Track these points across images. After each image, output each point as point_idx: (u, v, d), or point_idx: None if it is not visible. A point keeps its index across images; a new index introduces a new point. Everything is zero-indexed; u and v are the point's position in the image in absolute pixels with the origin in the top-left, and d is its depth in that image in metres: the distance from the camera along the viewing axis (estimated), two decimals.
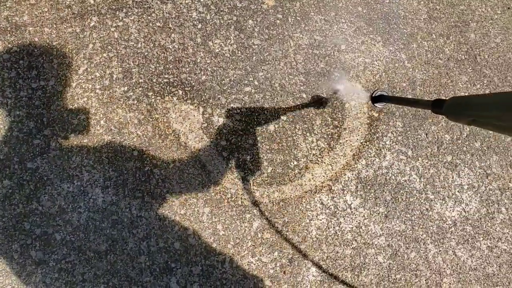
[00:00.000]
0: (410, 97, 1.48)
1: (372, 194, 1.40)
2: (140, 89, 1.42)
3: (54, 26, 1.43)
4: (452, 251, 1.39)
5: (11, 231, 1.27)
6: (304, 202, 1.38)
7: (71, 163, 1.33)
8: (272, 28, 1.51)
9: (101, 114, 1.38)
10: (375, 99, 1.45)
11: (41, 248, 1.27)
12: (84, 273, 1.26)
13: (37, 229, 1.28)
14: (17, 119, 1.36)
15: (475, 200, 1.47)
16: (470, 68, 1.60)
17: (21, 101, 1.37)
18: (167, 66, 1.44)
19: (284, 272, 1.32)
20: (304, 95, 1.45)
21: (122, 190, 1.32)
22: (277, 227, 1.35)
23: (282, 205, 1.37)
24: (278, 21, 1.52)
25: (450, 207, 1.42)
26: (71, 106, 1.38)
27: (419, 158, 1.45)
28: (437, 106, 0.92)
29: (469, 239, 1.43)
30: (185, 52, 1.46)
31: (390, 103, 1.44)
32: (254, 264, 1.32)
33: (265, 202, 1.37)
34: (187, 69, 1.45)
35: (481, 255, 1.42)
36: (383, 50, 1.54)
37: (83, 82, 1.41)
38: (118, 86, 1.41)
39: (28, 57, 1.41)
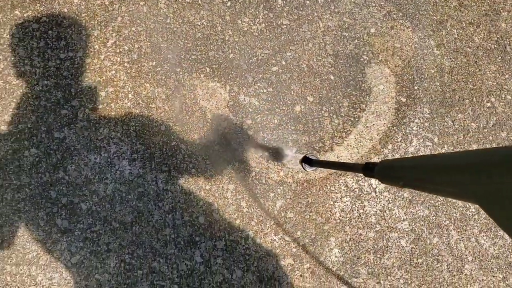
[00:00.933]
0: (341, 161, 1.46)
1: None
2: (168, 64, 1.47)
3: None
4: (475, 238, 1.45)
5: (37, 199, 1.34)
6: (329, 184, 1.44)
7: (98, 135, 1.39)
8: (301, 9, 1.57)
9: (129, 88, 1.44)
10: (305, 162, 1.43)
11: (67, 217, 1.33)
12: (109, 243, 1.32)
13: (63, 198, 1.34)
14: (45, 89, 1.41)
15: None
16: (499, 57, 1.65)
17: (49, 71, 1.43)
18: (196, 42, 1.50)
19: (307, 252, 1.38)
20: (332, 77, 1.51)
21: (149, 164, 1.38)
22: (301, 207, 1.41)
23: (306, 185, 1.43)
24: (307, 2, 1.57)
25: None
26: (99, 78, 1.44)
27: (445, 145, 1.50)
28: (368, 169, 0.93)
29: (492, 228, 1.48)
30: (214, 30, 1.51)
31: (320, 167, 1.42)
32: (277, 242, 1.38)
33: (289, 182, 1.43)
34: (215, 47, 1.50)
35: (503, 244, 1.48)
36: (412, 35, 1.59)
37: (112, 55, 1.46)
38: (146, 61, 1.47)
39: (57, 27, 1.46)
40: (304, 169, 1.43)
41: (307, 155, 1.42)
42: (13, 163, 1.34)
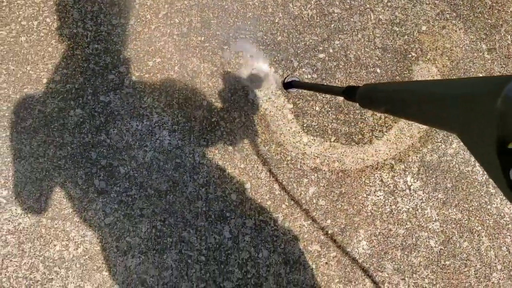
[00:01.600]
0: (323, 84, 1.43)
1: (433, 179, 1.44)
2: (216, 41, 1.48)
3: None
4: (506, 247, 1.42)
5: (78, 158, 1.37)
6: (364, 176, 1.43)
7: (142, 103, 1.41)
8: None
9: (176, 60, 1.45)
10: (286, 85, 1.41)
11: (104, 179, 1.36)
12: (143, 208, 1.35)
13: (103, 160, 1.37)
14: (95, 52, 1.44)
15: None
16: None
17: (100, 35, 1.45)
18: (245, 22, 1.50)
19: (335, 241, 1.38)
20: (378, 70, 1.49)
21: (188, 136, 1.40)
22: (333, 196, 1.41)
23: (341, 175, 1.42)
24: None
25: (510, 204, 1.45)
26: (148, 48, 1.45)
27: None
28: (350, 93, 0.89)
29: None
30: (264, 11, 1.51)
31: (302, 89, 1.40)
32: (306, 228, 1.38)
33: (324, 170, 1.42)
34: (264, 28, 1.50)
35: None
36: (464, 37, 1.56)
37: (162, 26, 1.47)
38: (195, 35, 1.47)
39: None
40: (286, 90, 1.40)
41: (289, 76, 1.41)
42: (58, 121, 1.38)
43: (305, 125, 1.42)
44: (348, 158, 1.41)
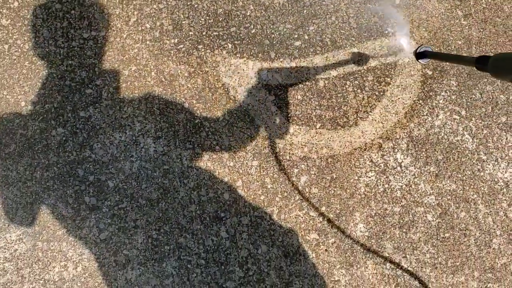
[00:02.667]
0: (454, 53, 1.40)
1: (423, 153, 1.36)
2: (190, 41, 1.38)
3: None
4: (503, 212, 1.35)
5: (65, 177, 1.29)
6: (353, 159, 1.35)
7: (123, 113, 1.33)
8: None
9: (152, 66, 1.36)
10: (418, 55, 1.31)
11: (94, 194, 1.28)
12: (137, 219, 1.27)
13: (90, 176, 1.29)
14: (69, 69, 1.35)
15: None
16: None
17: (73, 50, 1.36)
18: (217, 19, 1.40)
19: (332, 227, 1.31)
20: (356, 50, 1.40)
21: (173, 141, 1.31)
22: (325, 183, 1.33)
23: (331, 161, 1.34)
24: None
25: (503, 169, 1.37)
26: (122, 57, 1.37)
27: (473, 118, 1.39)
28: (482, 62, 0.87)
29: None
30: (235, 5, 1.41)
31: (433, 60, 1.34)
32: (302, 217, 1.31)
33: (313, 158, 1.34)
34: (237, 22, 1.41)
35: None
36: (439, 6, 1.46)
37: (134, 33, 1.38)
38: (168, 38, 1.38)
39: (79, 7, 1.39)
40: (417, 61, 1.31)
41: (420, 48, 1.31)
42: (41, 142, 1.30)
43: (289, 115, 1.34)
44: (335, 143, 1.34)
